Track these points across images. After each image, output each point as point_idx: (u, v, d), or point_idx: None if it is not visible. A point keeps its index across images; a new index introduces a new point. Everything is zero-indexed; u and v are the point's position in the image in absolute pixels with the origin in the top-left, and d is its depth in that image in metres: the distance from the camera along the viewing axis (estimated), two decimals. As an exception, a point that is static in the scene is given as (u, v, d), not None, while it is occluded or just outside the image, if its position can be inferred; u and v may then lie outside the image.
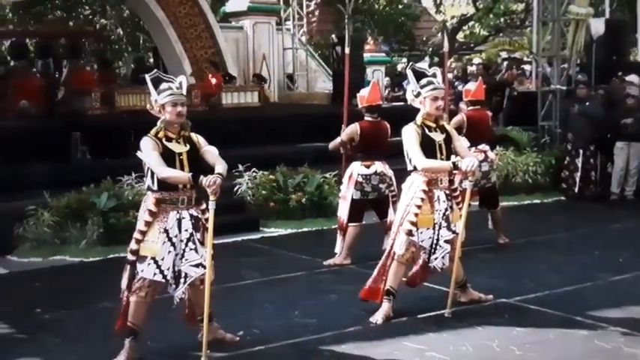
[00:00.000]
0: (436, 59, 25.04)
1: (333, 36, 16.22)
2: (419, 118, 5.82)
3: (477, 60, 21.72)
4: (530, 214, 10.33)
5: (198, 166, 5.10)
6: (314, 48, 19.80)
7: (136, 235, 5.10)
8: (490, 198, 8.39)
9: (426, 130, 5.79)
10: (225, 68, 14.80)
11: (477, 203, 8.45)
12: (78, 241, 8.32)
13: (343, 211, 7.53)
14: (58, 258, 8.20)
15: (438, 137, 5.81)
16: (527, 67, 16.09)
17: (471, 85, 8.67)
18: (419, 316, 5.85)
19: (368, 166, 7.43)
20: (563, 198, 11.25)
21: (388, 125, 7.56)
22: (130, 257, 5.12)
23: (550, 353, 5.17)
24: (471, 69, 14.59)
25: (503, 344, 5.24)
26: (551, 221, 9.91)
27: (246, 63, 15.77)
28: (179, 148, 5.08)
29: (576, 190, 11.11)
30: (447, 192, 5.85)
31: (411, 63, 6.82)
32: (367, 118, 7.52)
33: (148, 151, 5.01)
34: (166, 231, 5.03)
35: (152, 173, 5.05)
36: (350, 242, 7.50)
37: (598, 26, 13.36)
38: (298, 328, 5.68)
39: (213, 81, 13.64)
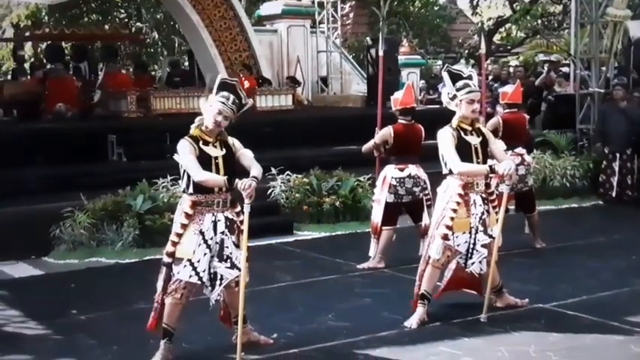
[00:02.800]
0: (472, 62, 24.89)
1: (368, 38, 16.21)
2: (455, 121, 5.77)
3: (513, 62, 21.52)
4: (568, 219, 10.24)
5: (234, 169, 5.13)
6: (348, 51, 19.79)
7: (173, 237, 5.13)
8: (527, 202, 8.32)
9: (462, 134, 5.74)
10: (259, 71, 14.85)
11: (513, 207, 8.38)
12: (114, 242, 8.39)
13: (377, 215, 7.50)
14: (94, 260, 8.26)
15: (474, 140, 5.75)
16: (564, 69, 15.90)
17: (508, 88, 8.61)
18: (454, 320, 5.80)
19: (402, 170, 7.39)
20: (600, 202, 11.14)
21: (422, 128, 7.52)
22: (166, 259, 5.14)
23: (586, 359, 5.13)
24: (502, 72, 14.45)
25: (539, 349, 5.19)
26: (589, 226, 9.82)
27: (280, 66, 15.80)
28: (215, 152, 5.10)
29: (613, 194, 10.98)
30: (484, 196, 5.80)
31: (446, 65, 6.75)
32: (401, 120, 7.48)
33: (184, 153, 5.04)
34: (202, 233, 5.05)
35: (188, 176, 5.07)
36: (384, 246, 7.46)
37: (636, 28, 13.18)
38: (332, 332, 5.66)
39: (247, 84, 13.68)
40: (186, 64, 18.09)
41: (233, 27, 14.87)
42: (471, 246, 5.75)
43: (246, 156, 5.18)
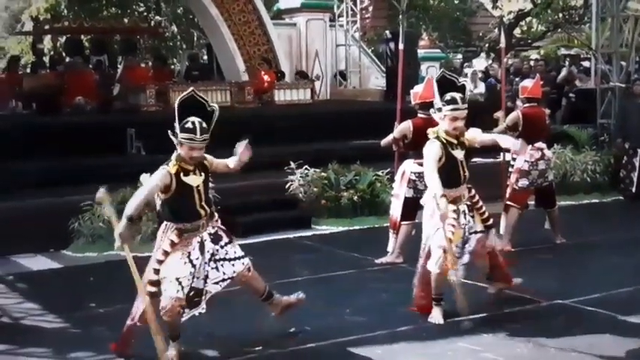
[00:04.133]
0: (492, 55, 24.74)
1: (387, 32, 16.14)
2: (442, 133, 5.77)
3: (534, 56, 21.41)
4: (588, 214, 10.20)
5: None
6: (367, 44, 19.74)
7: (155, 265, 5.08)
8: (547, 197, 8.26)
9: (449, 148, 5.75)
10: (277, 65, 14.86)
11: (533, 202, 8.36)
12: (132, 236, 8.40)
13: (396, 210, 7.48)
14: (113, 253, 8.11)
15: (459, 155, 5.79)
16: (585, 63, 15.81)
17: (528, 82, 8.52)
18: (473, 316, 5.78)
19: (421, 164, 7.29)
20: (621, 198, 11.07)
21: None
22: (151, 289, 5.06)
23: (605, 355, 5.11)
24: (524, 66, 14.37)
25: (558, 346, 5.20)
26: (609, 221, 9.77)
27: (299, 60, 15.80)
28: (196, 180, 5.10)
29: (633, 189, 10.92)
30: (469, 203, 5.84)
31: (442, 69, 6.70)
32: (420, 115, 7.42)
33: (153, 179, 5.07)
34: (188, 254, 5.06)
35: (169, 207, 5.07)
36: (402, 241, 7.44)
37: (658, 23, 13.04)
38: (350, 326, 5.69)
39: (266, 78, 13.69)
40: (205, 57, 18.13)
41: (252, 20, 14.89)
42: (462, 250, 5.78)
43: (220, 162, 5.27)
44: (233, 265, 5.20)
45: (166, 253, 5.05)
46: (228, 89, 13.05)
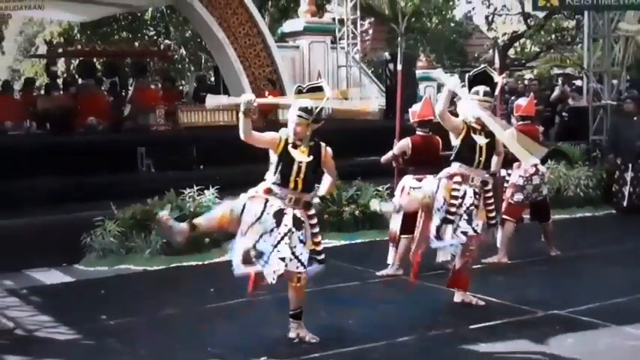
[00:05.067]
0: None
1: (386, 53, 16.35)
2: (469, 118, 6.14)
3: (528, 75, 21.62)
4: (582, 227, 10.28)
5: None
6: (367, 65, 19.93)
7: None
8: (542, 211, 8.39)
9: (471, 132, 6.08)
10: (281, 86, 15.06)
11: (528, 216, 8.50)
12: (142, 250, 8.49)
13: (395, 224, 7.56)
14: (123, 267, 8.34)
15: (480, 140, 6.10)
16: (578, 82, 16.03)
17: (522, 101, 8.68)
18: (471, 326, 5.86)
19: (419, 180, 7.40)
20: (613, 211, 11.16)
21: (439, 140, 7.58)
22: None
23: (601, 365, 5.16)
24: (518, 85, 14.53)
25: (554, 356, 5.24)
26: (603, 234, 9.84)
27: (302, 80, 15.89)
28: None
29: (625, 203, 11.05)
30: (477, 190, 6.13)
31: (485, 65, 7.02)
32: (419, 132, 7.58)
33: None
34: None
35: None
36: (402, 253, 7.50)
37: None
38: (352, 337, 5.71)
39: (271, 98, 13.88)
40: (212, 79, 18.29)
41: (257, 44, 15.06)
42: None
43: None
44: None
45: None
46: (234, 109, 13.22)
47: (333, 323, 6.08)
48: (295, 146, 5.43)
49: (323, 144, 5.60)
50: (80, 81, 14.84)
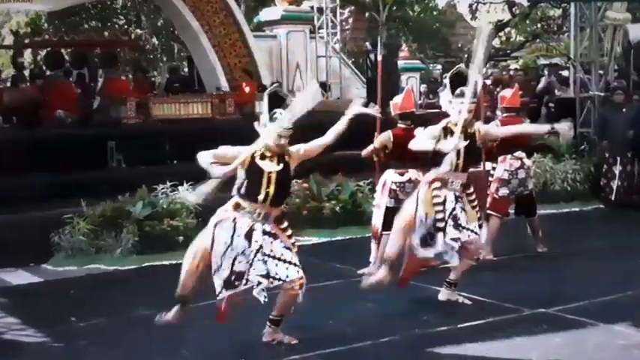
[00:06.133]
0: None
1: (367, 43, 16.22)
2: (443, 122, 6.12)
3: (513, 66, 21.60)
4: (569, 222, 10.25)
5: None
6: (347, 56, 19.81)
7: None
8: (528, 206, 8.31)
9: (449, 136, 6.03)
10: (258, 77, 14.86)
11: (513, 211, 8.40)
12: (113, 249, 8.42)
13: (377, 220, 7.49)
14: (94, 266, 8.28)
15: (460, 143, 6.00)
16: (564, 72, 15.98)
17: (507, 92, 8.62)
18: (458, 325, 5.82)
19: (402, 174, 7.36)
20: (602, 206, 11.14)
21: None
22: None
23: (589, 363, 5.13)
24: (504, 76, 14.49)
25: (541, 354, 5.20)
26: (590, 229, 9.85)
27: (280, 71, 15.81)
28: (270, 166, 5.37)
29: (613, 197, 11.00)
30: (457, 194, 6.10)
31: (458, 66, 6.86)
32: (400, 125, 7.47)
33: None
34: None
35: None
36: (384, 251, 7.40)
37: (636, 31, 13.20)
38: (334, 337, 5.67)
39: (247, 90, 13.69)
40: (186, 69, 18.14)
41: (232, 33, 14.89)
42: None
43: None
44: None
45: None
46: (209, 101, 13.03)
47: (315, 323, 6.02)
48: (263, 157, 5.41)
49: (286, 148, 5.60)
50: (48, 72, 14.61)
